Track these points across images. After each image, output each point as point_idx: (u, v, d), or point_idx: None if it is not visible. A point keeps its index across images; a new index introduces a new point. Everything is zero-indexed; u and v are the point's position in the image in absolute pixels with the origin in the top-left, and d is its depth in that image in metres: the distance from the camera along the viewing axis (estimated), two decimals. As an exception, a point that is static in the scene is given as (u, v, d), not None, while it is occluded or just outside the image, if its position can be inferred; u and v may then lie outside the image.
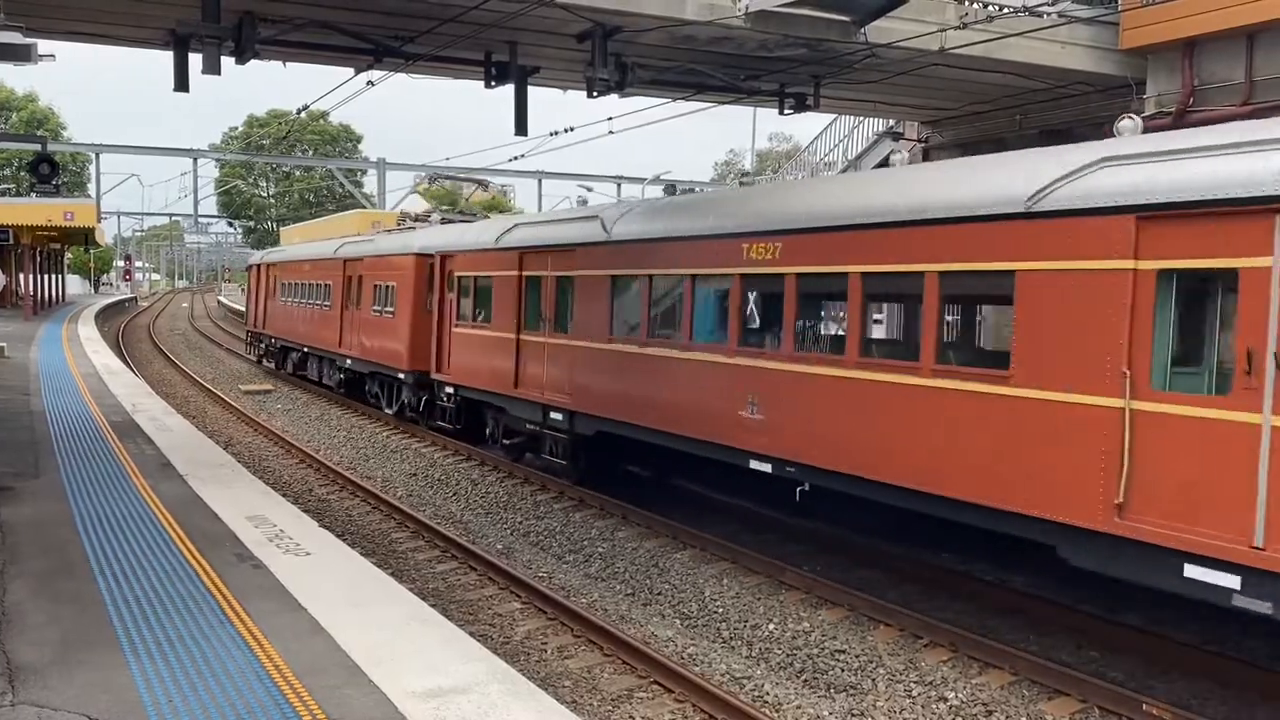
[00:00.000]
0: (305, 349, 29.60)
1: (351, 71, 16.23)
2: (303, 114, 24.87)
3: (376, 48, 14.87)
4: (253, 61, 14.45)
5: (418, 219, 26.83)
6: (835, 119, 27.41)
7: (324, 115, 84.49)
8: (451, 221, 24.72)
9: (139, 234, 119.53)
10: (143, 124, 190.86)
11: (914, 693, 8.84)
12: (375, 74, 16.01)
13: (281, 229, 72.12)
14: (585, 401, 14.86)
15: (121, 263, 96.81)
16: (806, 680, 9.22)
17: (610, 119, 21.35)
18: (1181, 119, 15.64)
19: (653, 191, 47.76)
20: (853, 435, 10.42)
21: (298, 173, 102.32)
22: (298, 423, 23.90)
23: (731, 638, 10.26)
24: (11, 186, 64.01)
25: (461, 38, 14.31)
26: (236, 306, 68.08)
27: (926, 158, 21.91)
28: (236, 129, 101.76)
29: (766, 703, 8.72)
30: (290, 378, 31.18)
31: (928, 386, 9.65)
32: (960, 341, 12.78)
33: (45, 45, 14.36)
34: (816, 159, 29.12)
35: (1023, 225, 8.81)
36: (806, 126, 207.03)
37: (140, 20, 14.94)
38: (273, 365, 33.73)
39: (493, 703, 5.75)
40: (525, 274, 16.67)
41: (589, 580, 12.16)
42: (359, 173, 70.81)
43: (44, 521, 9.51)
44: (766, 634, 10.25)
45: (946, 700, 8.66)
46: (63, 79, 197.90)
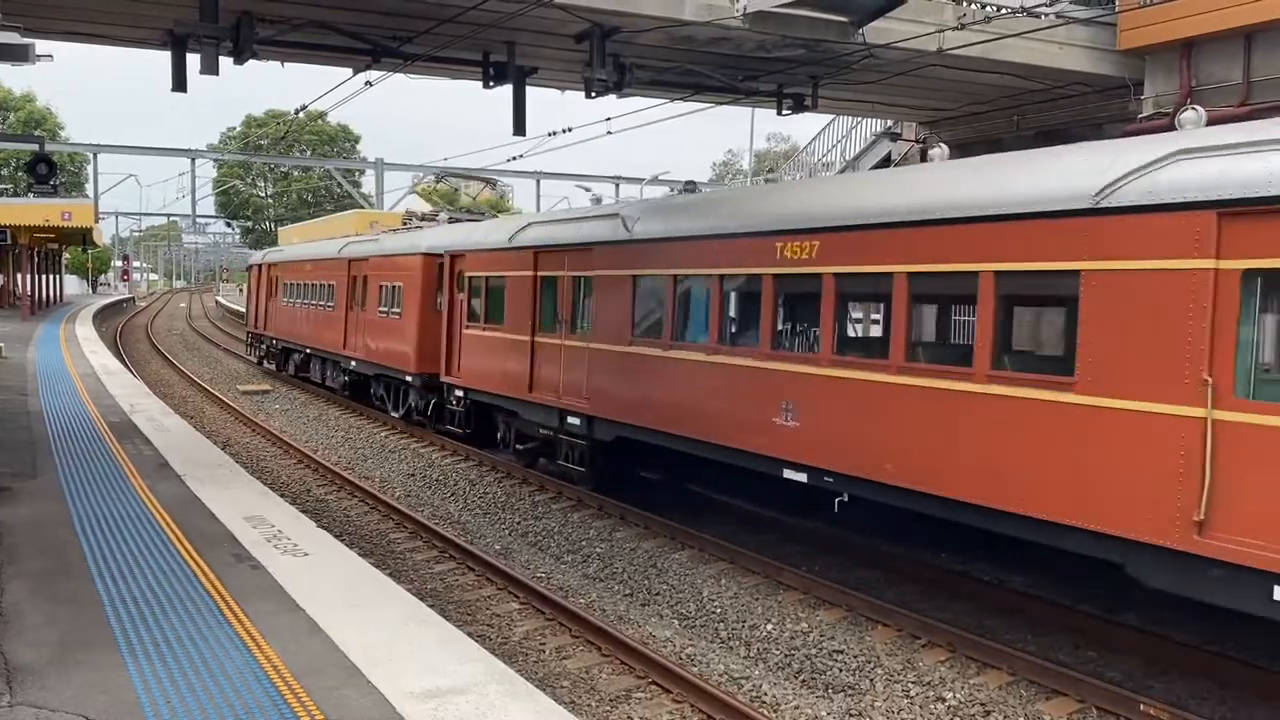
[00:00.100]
0: (308, 351, 29.09)
1: (350, 72, 16.23)
2: (301, 114, 24.83)
3: (374, 48, 14.88)
4: (251, 62, 14.47)
5: (424, 218, 26.40)
6: (833, 119, 27.43)
7: (322, 115, 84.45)
8: (459, 221, 24.48)
9: (137, 234, 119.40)
10: (141, 124, 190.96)
11: (912, 693, 8.84)
12: (373, 74, 16.01)
13: (279, 229, 72.09)
14: (604, 406, 14.39)
15: (119, 263, 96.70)
16: (804, 680, 9.22)
17: (609, 119, 21.31)
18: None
19: (651, 191, 47.74)
20: (898, 445, 9.88)
21: (296, 173, 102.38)
22: (296, 423, 23.87)
23: (729, 638, 10.25)
24: (9, 186, 64.04)
25: (459, 38, 14.31)
26: (234, 307, 68.09)
27: (924, 159, 21.91)
28: (234, 129, 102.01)
29: (764, 703, 8.71)
30: (289, 378, 31.03)
31: (982, 393, 9.10)
32: (1017, 346, 11.85)
33: (43, 45, 14.34)
34: (815, 159, 29.15)
35: (1090, 222, 8.23)
36: (805, 127, 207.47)
37: (138, 20, 14.95)
38: (274, 367, 33.40)
39: (491, 703, 5.74)
40: (540, 274, 16.22)
41: (587, 580, 12.15)
42: (357, 173, 70.76)
43: (42, 522, 9.51)
44: (764, 634, 10.25)
45: (944, 700, 8.66)
46: (61, 79, 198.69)
